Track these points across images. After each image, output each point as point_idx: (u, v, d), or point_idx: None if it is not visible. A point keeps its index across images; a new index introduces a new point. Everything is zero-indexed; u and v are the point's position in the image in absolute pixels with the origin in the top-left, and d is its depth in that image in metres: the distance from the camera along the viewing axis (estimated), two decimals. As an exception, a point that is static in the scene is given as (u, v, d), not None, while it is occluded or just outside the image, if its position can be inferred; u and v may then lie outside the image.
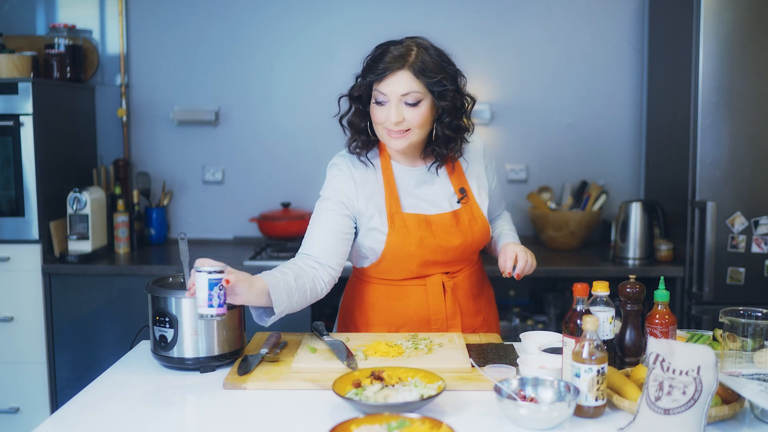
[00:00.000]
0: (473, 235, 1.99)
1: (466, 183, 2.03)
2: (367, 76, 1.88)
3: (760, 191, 2.90)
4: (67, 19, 3.61)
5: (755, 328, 1.60)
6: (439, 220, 1.96)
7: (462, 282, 2.03)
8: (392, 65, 1.83)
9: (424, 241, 1.94)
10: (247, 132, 3.68)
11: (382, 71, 1.84)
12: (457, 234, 1.97)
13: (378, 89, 1.86)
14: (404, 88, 1.84)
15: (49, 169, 3.18)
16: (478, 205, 2.02)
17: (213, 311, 1.57)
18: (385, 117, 1.87)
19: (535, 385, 1.51)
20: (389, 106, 1.86)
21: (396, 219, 1.94)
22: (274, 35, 3.63)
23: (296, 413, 1.52)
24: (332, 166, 2.02)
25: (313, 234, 1.96)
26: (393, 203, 1.95)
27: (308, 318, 3.06)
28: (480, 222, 2.00)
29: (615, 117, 3.64)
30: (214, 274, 1.57)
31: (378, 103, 1.88)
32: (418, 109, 1.86)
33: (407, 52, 1.85)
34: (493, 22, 3.57)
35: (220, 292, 1.57)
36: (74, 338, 3.13)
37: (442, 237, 1.95)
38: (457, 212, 1.99)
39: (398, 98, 1.85)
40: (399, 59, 1.84)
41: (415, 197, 1.99)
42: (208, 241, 3.67)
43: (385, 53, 1.86)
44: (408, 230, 1.93)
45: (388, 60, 1.84)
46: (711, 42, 2.85)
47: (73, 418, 1.52)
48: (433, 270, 1.99)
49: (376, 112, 1.89)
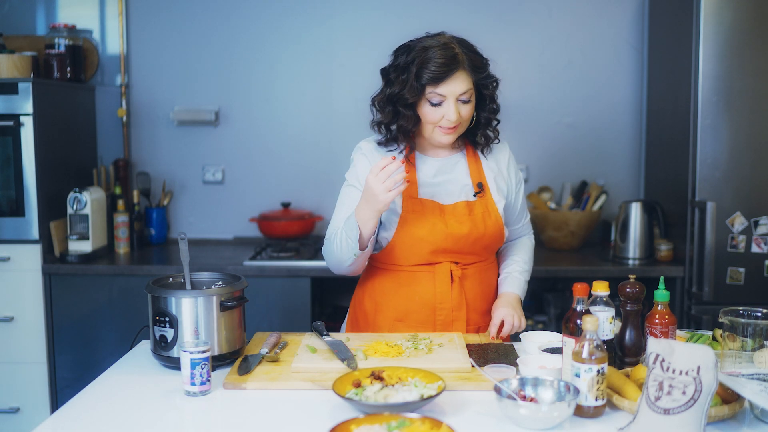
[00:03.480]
0: (485, 228, 2.00)
1: (485, 179, 2.06)
2: (421, 79, 1.89)
3: (760, 191, 2.90)
4: (68, 19, 3.61)
5: (755, 328, 1.60)
6: (453, 209, 2.00)
7: (471, 275, 2.04)
8: (450, 68, 1.87)
9: (436, 227, 1.97)
10: (247, 132, 3.68)
11: (442, 74, 1.87)
12: (468, 223, 1.99)
13: (435, 91, 1.90)
14: (462, 87, 1.90)
15: (50, 169, 3.18)
16: (494, 202, 2.04)
17: (195, 389, 1.61)
18: (441, 116, 1.92)
19: (535, 385, 1.51)
20: (446, 105, 1.90)
21: (410, 204, 1.98)
22: (274, 35, 3.63)
23: (296, 413, 1.53)
24: (357, 149, 2.08)
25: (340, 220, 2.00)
26: (410, 188, 1.99)
27: (308, 318, 3.07)
28: (493, 217, 2.02)
29: (615, 117, 3.64)
30: (196, 354, 1.59)
31: (432, 103, 1.91)
32: (470, 104, 1.94)
33: (454, 51, 1.89)
34: (493, 22, 3.57)
35: (202, 370, 1.60)
36: (74, 338, 3.13)
37: (454, 225, 1.98)
38: (472, 203, 2.02)
39: (455, 98, 1.90)
40: (453, 60, 1.88)
41: (432, 185, 2.02)
42: (208, 241, 3.67)
43: (431, 55, 1.88)
44: (421, 215, 1.97)
45: (442, 62, 1.87)
46: (711, 42, 2.85)
47: (73, 418, 1.52)
48: (443, 258, 2.01)
49: (430, 112, 1.92)
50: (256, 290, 2.55)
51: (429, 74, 1.87)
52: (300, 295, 3.08)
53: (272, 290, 3.07)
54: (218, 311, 1.76)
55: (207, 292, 1.77)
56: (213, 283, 1.91)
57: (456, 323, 2.02)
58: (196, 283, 1.88)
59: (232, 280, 1.89)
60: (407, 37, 2.01)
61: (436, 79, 1.88)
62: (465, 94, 1.91)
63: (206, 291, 1.78)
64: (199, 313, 1.74)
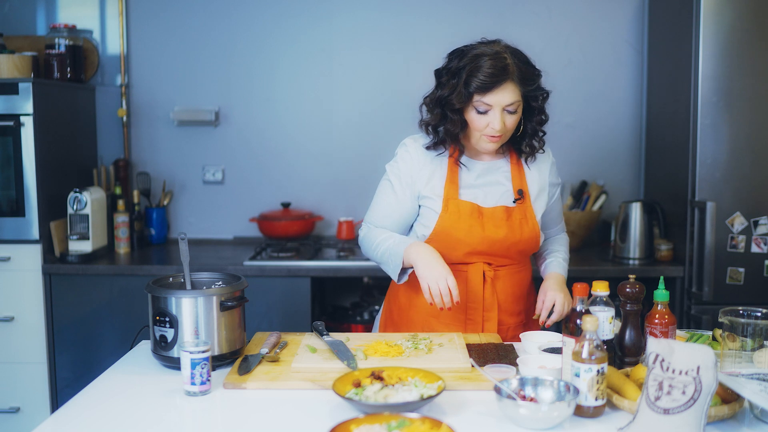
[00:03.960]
0: (521, 234, 2.02)
1: (526, 186, 2.07)
2: (470, 86, 1.90)
3: (760, 191, 2.90)
4: (68, 20, 3.61)
5: (755, 328, 1.60)
6: (491, 213, 2.01)
7: (504, 277, 2.05)
8: (499, 78, 1.88)
9: (473, 229, 1.99)
10: (247, 132, 3.68)
11: (490, 84, 1.88)
12: (505, 228, 2.00)
13: (482, 100, 1.91)
14: (509, 98, 1.90)
15: (50, 169, 3.18)
16: (532, 210, 2.05)
17: (195, 389, 1.61)
18: (486, 124, 1.93)
19: (535, 385, 1.51)
20: (492, 114, 1.91)
21: (451, 204, 2.00)
22: (274, 35, 3.63)
23: (296, 413, 1.53)
24: (402, 145, 2.10)
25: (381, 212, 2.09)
26: (452, 189, 2.01)
27: (308, 318, 3.07)
28: (531, 224, 2.03)
29: (615, 117, 3.64)
30: (196, 354, 1.59)
31: (479, 111, 1.92)
32: (516, 115, 1.95)
33: (505, 62, 1.89)
34: (493, 22, 3.57)
35: (202, 370, 1.60)
36: (74, 338, 3.13)
37: (491, 229, 1.99)
38: (510, 209, 2.03)
39: (501, 108, 1.91)
40: (503, 71, 1.88)
41: (473, 187, 2.04)
42: (208, 241, 3.67)
43: (482, 64, 1.89)
44: (460, 216, 1.99)
45: (491, 72, 1.87)
46: (711, 42, 2.85)
47: (73, 418, 1.52)
48: (477, 259, 2.03)
49: (477, 119, 1.94)
50: (256, 290, 2.55)
51: (477, 83, 1.88)
52: (300, 295, 3.08)
53: (272, 290, 3.07)
54: (218, 311, 1.76)
55: (207, 292, 1.77)
56: (213, 283, 1.91)
57: (487, 324, 2.04)
58: (196, 283, 1.88)
59: (232, 280, 1.89)
60: (407, 36, 2.02)
61: (484, 89, 1.88)
62: (512, 105, 1.91)
63: (206, 291, 1.78)
64: (199, 313, 1.74)
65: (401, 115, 3.63)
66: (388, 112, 3.63)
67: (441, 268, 1.88)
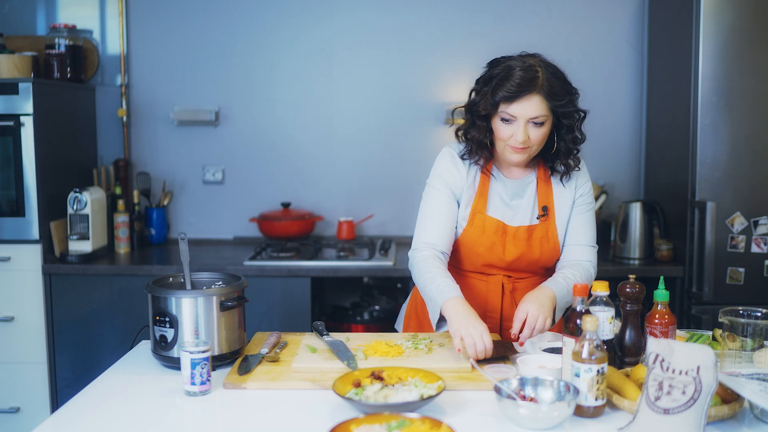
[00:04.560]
0: (540, 253, 2.01)
1: (552, 202, 2.03)
2: (496, 95, 1.88)
3: (760, 191, 2.90)
4: (68, 19, 3.61)
5: (755, 328, 1.60)
6: (515, 233, 2.00)
7: (523, 288, 2.03)
8: (524, 89, 1.85)
9: (494, 247, 1.99)
10: (247, 132, 3.68)
11: (514, 94, 1.85)
12: (525, 248, 1.99)
13: (507, 110, 1.88)
14: (534, 111, 1.87)
15: (50, 169, 3.18)
16: (555, 227, 2.03)
17: (195, 389, 1.61)
18: (510, 135, 1.90)
19: (535, 385, 1.51)
20: (516, 125, 1.89)
21: (477, 219, 1.99)
22: (274, 36, 3.63)
23: (296, 413, 1.53)
24: (442, 153, 2.06)
25: (431, 222, 2.00)
26: (480, 203, 2.00)
27: (308, 318, 3.07)
28: (551, 242, 2.02)
29: (615, 117, 3.64)
30: (196, 354, 1.59)
31: (504, 120, 1.90)
32: (543, 129, 1.90)
33: (535, 74, 1.86)
34: (493, 23, 3.58)
35: (202, 370, 1.61)
36: (74, 338, 3.13)
37: (511, 250, 1.99)
38: (533, 228, 2.01)
39: (526, 119, 1.88)
40: (530, 83, 1.85)
41: (503, 204, 2.02)
42: (208, 241, 3.67)
43: (512, 74, 1.87)
44: (484, 232, 1.99)
45: (518, 82, 1.85)
46: (711, 42, 2.85)
47: (73, 418, 1.52)
48: (496, 272, 2.03)
49: (501, 128, 1.91)
50: (256, 290, 2.55)
51: (503, 92, 1.87)
52: (300, 295, 3.08)
53: (272, 290, 3.07)
54: (218, 311, 1.76)
55: (207, 292, 1.77)
56: (213, 283, 1.91)
57: (506, 333, 2.02)
58: (196, 283, 1.88)
59: (232, 280, 1.89)
60: (407, 36, 2.02)
61: (509, 98, 1.86)
62: (537, 118, 1.87)
63: (206, 291, 1.78)
64: (199, 313, 1.74)
65: (401, 115, 3.64)
66: (388, 112, 3.63)
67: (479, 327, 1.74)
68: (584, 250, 2.04)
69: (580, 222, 2.05)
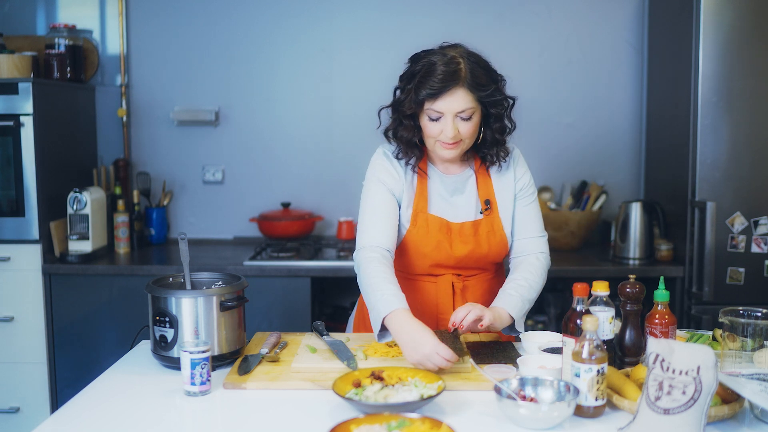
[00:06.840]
0: (489, 248, 1.98)
1: (493, 195, 2.01)
2: (420, 93, 1.84)
3: (760, 191, 2.90)
4: (68, 19, 3.61)
5: (755, 328, 1.60)
6: (460, 229, 1.97)
7: (474, 286, 2.03)
8: (448, 84, 1.81)
9: (441, 246, 1.95)
10: (248, 132, 3.68)
11: (438, 90, 1.82)
12: (472, 243, 1.97)
13: (432, 107, 1.84)
14: (460, 105, 1.83)
15: (50, 169, 3.18)
16: (500, 219, 2.00)
17: (195, 389, 1.61)
18: (440, 131, 1.86)
19: (535, 385, 1.51)
20: (444, 121, 1.85)
21: (420, 218, 1.96)
22: (274, 36, 3.63)
23: (296, 413, 1.53)
24: (377, 154, 2.03)
25: (372, 220, 1.94)
26: (421, 202, 1.97)
27: (308, 318, 3.07)
28: (498, 236, 1.99)
29: (615, 117, 3.64)
30: (196, 354, 1.59)
31: (431, 118, 1.87)
32: (472, 122, 1.86)
33: (457, 67, 1.82)
34: (493, 22, 3.57)
35: (202, 370, 1.60)
36: (74, 338, 3.13)
37: (458, 246, 1.96)
38: (478, 222, 1.98)
39: (453, 114, 1.84)
40: (452, 76, 1.81)
41: (443, 201, 1.99)
42: (208, 241, 3.67)
43: (433, 70, 1.83)
44: (428, 231, 1.95)
45: (441, 78, 1.81)
46: (711, 42, 2.85)
47: (73, 418, 1.52)
48: (444, 271, 2.00)
49: (429, 126, 1.88)
50: (256, 290, 2.55)
51: (426, 90, 1.83)
52: (300, 295, 3.08)
53: (272, 290, 3.07)
54: (218, 311, 1.76)
55: (207, 292, 1.77)
56: (213, 283, 1.91)
57: None
58: (196, 283, 1.88)
59: (232, 280, 1.89)
60: (407, 36, 2.01)
61: (433, 95, 1.82)
62: (464, 111, 1.84)
63: (206, 291, 1.78)
64: (199, 313, 1.74)
65: (401, 115, 3.63)
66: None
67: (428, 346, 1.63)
68: (534, 242, 2.02)
69: (526, 214, 2.03)
